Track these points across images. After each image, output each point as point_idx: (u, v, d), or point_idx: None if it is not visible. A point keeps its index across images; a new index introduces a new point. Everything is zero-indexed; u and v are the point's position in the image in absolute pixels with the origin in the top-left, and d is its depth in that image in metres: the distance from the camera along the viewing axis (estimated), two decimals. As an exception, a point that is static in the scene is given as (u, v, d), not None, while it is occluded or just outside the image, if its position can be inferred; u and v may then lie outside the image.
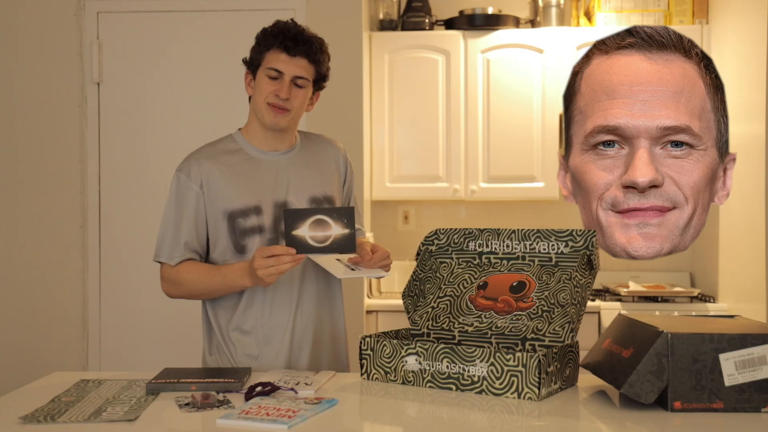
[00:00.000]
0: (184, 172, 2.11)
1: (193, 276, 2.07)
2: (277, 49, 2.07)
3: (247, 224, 2.08)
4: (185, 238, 2.09)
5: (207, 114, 3.55)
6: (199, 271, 2.07)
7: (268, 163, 2.14)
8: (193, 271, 2.08)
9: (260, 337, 2.11)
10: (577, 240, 1.91)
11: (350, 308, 3.41)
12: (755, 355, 1.57)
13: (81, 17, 3.57)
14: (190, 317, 3.50)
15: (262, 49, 2.09)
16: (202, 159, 2.11)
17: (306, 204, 2.13)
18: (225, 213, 2.08)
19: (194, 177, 2.09)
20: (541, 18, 3.98)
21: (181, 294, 2.11)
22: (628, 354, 1.65)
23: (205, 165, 2.10)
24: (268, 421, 1.49)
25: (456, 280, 2.02)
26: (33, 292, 3.59)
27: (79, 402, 1.67)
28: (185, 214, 2.09)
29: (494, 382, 1.72)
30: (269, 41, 2.08)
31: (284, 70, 2.07)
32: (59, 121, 3.58)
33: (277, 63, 2.07)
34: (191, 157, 2.13)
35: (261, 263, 1.90)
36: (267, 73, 2.08)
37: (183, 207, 2.09)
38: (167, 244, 2.10)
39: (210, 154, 2.13)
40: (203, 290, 2.09)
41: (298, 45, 2.06)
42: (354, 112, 3.56)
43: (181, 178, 2.11)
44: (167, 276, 2.11)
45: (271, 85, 2.08)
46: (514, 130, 3.88)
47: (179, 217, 2.09)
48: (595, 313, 3.61)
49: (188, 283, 2.08)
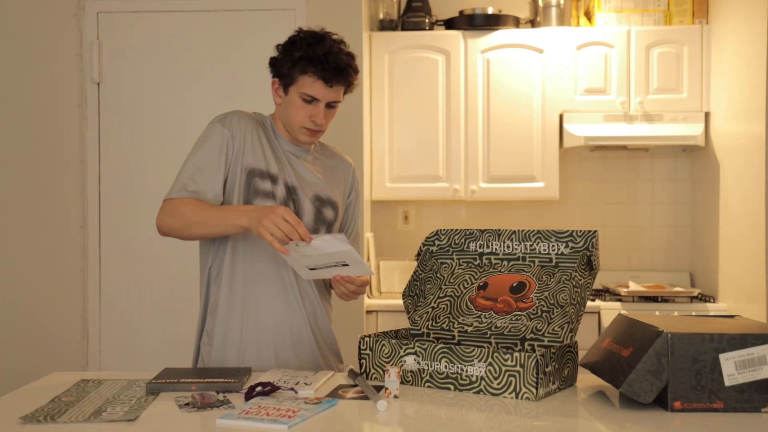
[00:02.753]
0: (221, 122, 2.09)
1: (192, 207, 2.01)
2: (314, 76, 2.04)
3: (261, 186, 2.07)
4: (200, 186, 2.04)
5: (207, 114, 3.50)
6: (200, 203, 2.02)
7: (288, 153, 2.16)
8: (193, 203, 2.02)
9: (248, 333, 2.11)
10: (577, 241, 1.91)
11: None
12: (755, 355, 1.58)
13: (81, 17, 3.58)
14: (190, 317, 3.50)
15: (296, 69, 2.05)
16: (242, 115, 2.12)
17: (309, 201, 2.13)
18: (246, 168, 2.08)
19: (231, 126, 2.08)
20: (541, 18, 3.98)
21: (174, 224, 2.02)
22: (628, 353, 1.65)
23: (244, 120, 2.11)
24: (268, 421, 1.49)
25: (456, 280, 2.02)
26: (33, 292, 3.59)
27: (79, 402, 1.67)
28: (209, 163, 2.05)
29: (492, 382, 1.72)
30: (305, 66, 2.04)
31: (320, 97, 2.06)
32: (59, 121, 3.59)
33: (313, 90, 2.05)
34: (231, 113, 2.12)
35: (278, 219, 1.85)
36: (302, 96, 2.06)
37: (208, 154, 2.06)
38: (180, 184, 2.05)
39: (249, 116, 2.14)
40: (198, 221, 2.00)
41: (337, 77, 2.04)
42: (354, 112, 3.56)
43: (216, 127, 2.08)
44: (166, 207, 2.04)
45: (306, 110, 2.07)
46: (514, 130, 3.88)
47: (201, 164, 2.05)
48: (595, 313, 3.62)
49: (186, 213, 2.00)
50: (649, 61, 3.84)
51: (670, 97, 3.83)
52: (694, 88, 3.82)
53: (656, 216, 4.18)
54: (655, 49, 3.84)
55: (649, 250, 4.18)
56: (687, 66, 3.83)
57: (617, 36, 3.86)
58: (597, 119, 3.84)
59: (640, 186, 4.19)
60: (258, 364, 2.10)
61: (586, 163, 4.20)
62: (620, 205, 4.20)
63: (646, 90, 3.84)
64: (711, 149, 3.82)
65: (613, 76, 3.85)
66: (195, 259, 2.22)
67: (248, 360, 2.10)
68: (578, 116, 3.85)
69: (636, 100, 3.83)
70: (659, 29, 3.86)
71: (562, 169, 4.04)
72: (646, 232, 4.19)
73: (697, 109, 3.82)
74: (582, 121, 3.84)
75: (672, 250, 4.16)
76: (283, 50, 2.10)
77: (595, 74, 3.86)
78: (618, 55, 3.85)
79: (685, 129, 3.78)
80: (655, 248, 4.18)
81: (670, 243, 4.16)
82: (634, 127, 3.82)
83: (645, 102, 3.82)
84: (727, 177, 3.65)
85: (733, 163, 3.60)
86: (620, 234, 4.19)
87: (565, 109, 3.87)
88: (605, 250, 4.04)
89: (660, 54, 3.84)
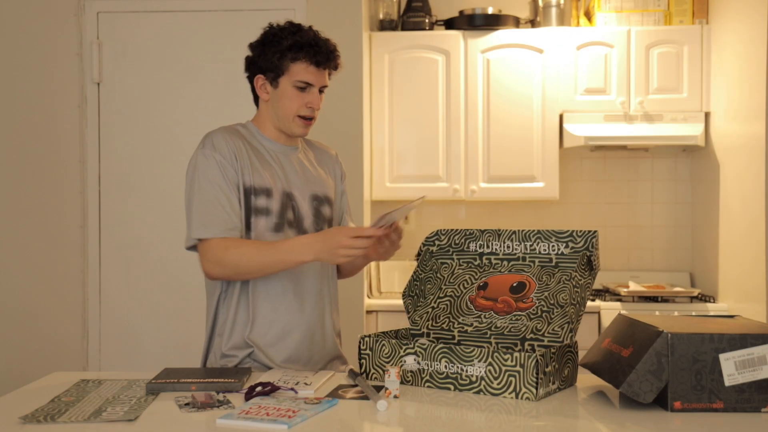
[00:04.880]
0: (210, 148, 2.04)
1: (240, 253, 1.97)
2: (306, 62, 2.06)
3: (258, 203, 2.06)
4: (224, 212, 2.01)
5: (207, 114, 3.55)
6: (245, 247, 1.98)
7: (278, 155, 2.15)
8: (241, 246, 1.98)
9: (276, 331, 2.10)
10: (577, 241, 1.91)
11: (350, 308, 3.41)
12: (755, 355, 1.58)
13: (81, 17, 3.57)
14: (190, 317, 3.51)
15: (287, 58, 2.06)
16: (226, 134, 2.08)
17: (307, 200, 2.14)
18: (243, 187, 2.06)
19: (224, 150, 2.04)
20: (541, 18, 3.98)
21: (226, 273, 2.01)
22: (628, 353, 1.65)
23: (231, 139, 2.07)
24: (268, 421, 1.49)
25: (456, 280, 2.02)
26: (33, 292, 3.59)
27: (79, 402, 1.67)
28: (221, 187, 2.02)
29: (492, 382, 1.72)
30: (297, 52, 2.05)
31: (314, 82, 2.08)
32: (59, 121, 3.58)
33: (308, 76, 2.07)
34: (215, 134, 2.07)
35: (347, 242, 1.87)
36: (295, 84, 2.07)
37: (217, 181, 2.02)
38: (204, 222, 2.00)
39: (231, 131, 2.11)
40: (254, 268, 1.98)
41: (328, 60, 2.09)
42: (354, 112, 3.56)
43: (207, 154, 2.03)
44: (211, 254, 1.99)
45: (301, 97, 2.08)
46: (514, 130, 3.88)
47: (212, 196, 2.01)
48: (595, 313, 3.62)
49: (238, 263, 1.97)
50: (649, 61, 3.84)
51: (670, 97, 3.83)
52: (694, 88, 3.82)
53: (656, 216, 4.18)
54: (655, 49, 3.84)
55: (649, 250, 4.18)
56: (687, 66, 3.83)
57: (617, 36, 3.86)
58: (597, 119, 3.84)
59: (640, 186, 4.19)
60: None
61: (586, 163, 4.20)
62: (620, 205, 4.20)
63: (646, 90, 3.84)
64: (711, 149, 3.82)
65: (613, 76, 3.85)
66: (194, 260, 2.21)
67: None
68: (578, 116, 3.85)
69: (636, 100, 3.83)
70: (659, 29, 3.86)
71: (562, 169, 4.04)
72: (646, 232, 4.19)
73: (697, 109, 3.82)
74: (582, 121, 3.84)
75: (672, 250, 4.16)
76: (265, 44, 2.09)
77: (595, 74, 3.86)
78: (618, 55, 3.85)
79: (685, 129, 3.78)
80: (655, 248, 4.18)
81: (670, 243, 4.16)
82: (634, 127, 3.82)
83: (645, 102, 3.82)
84: (727, 177, 3.65)
85: (733, 163, 3.60)
86: (620, 234, 4.19)
87: (565, 109, 3.87)
88: (605, 250, 4.04)
89: (660, 54, 3.84)
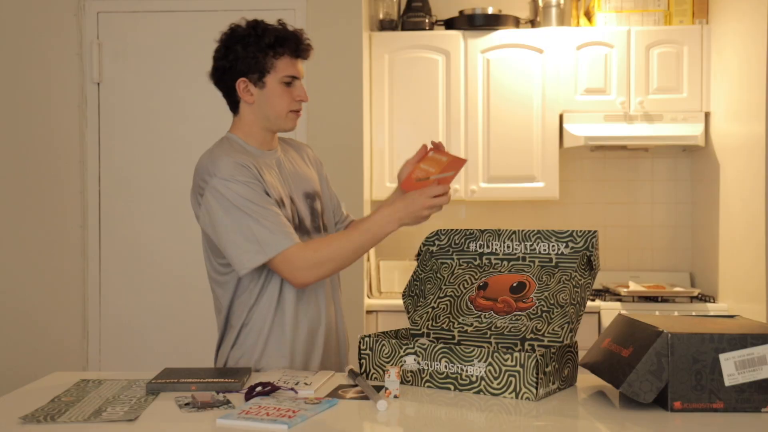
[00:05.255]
0: (228, 174, 1.97)
1: (332, 247, 1.98)
2: (291, 57, 2.07)
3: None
4: (283, 222, 1.97)
5: (207, 114, 3.55)
6: (331, 240, 2.00)
7: (271, 162, 2.12)
8: (325, 243, 1.99)
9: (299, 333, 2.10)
10: (577, 241, 1.91)
11: (350, 308, 3.41)
12: (755, 355, 1.58)
13: (81, 17, 3.57)
14: (190, 317, 3.51)
15: (270, 56, 2.05)
16: (233, 155, 2.01)
17: (303, 200, 2.13)
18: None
19: (242, 171, 1.97)
20: (541, 18, 3.98)
21: (324, 272, 1.99)
22: (628, 353, 1.65)
23: (238, 158, 2.00)
24: (268, 421, 1.49)
25: (456, 280, 2.02)
26: (33, 292, 3.59)
27: (79, 402, 1.67)
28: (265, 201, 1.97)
29: (492, 382, 1.72)
30: (280, 49, 2.05)
31: (298, 74, 2.10)
32: (59, 121, 3.58)
33: (292, 70, 2.08)
34: (221, 159, 1.99)
35: (430, 203, 1.95)
36: (284, 80, 2.07)
37: (256, 199, 1.96)
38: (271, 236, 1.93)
39: (231, 150, 2.04)
40: (350, 255, 2.00)
41: (307, 50, 2.11)
42: (354, 112, 3.56)
43: (229, 179, 1.96)
44: (301, 261, 1.95)
45: (289, 93, 2.08)
46: (514, 130, 3.88)
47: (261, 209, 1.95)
48: (595, 313, 3.62)
49: (332, 255, 1.97)
50: (649, 61, 3.84)
51: (670, 97, 3.83)
52: (694, 88, 3.82)
53: (656, 216, 4.18)
54: (655, 49, 3.84)
55: (649, 250, 4.18)
56: (687, 66, 3.83)
57: (617, 36, 3.86)
58: (597, 119, 3.84)
59: (640, 186, 4.19)
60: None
61: (586, 163, 4.20)
62: (620, 205, 4.20)
63: (646, 90, 3.84)
64: (711, 149, 3.82)
65: (613, 76, 3.85)
66: (194, 260, 2.22)
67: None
68: (578, 116, 3.85)
69: (636, 100, 3.83)
70: (659, 29, 3.86)
71: (562, 169, 4.04)
72: (646, 232, 4.19)
73: (697, 109, 3.82)
74: (582, 121, 3.84)
75: (672, 250, 4.16)
76: (241, 46, 2.06)
77: (595, 74, 3.86)
78: (618, 55, 3.85)
79: (685, 129, 3.78)
80: (655, 248, 4.18)
81: (670, 243, 4.16)
82: (634, 127, 3.82)
83: (645, 102, 3.82)
84: (727, 177, 3.65)
85: (733, 163, 3.60)
86: (620, 234, 4.19)
87: (565, 109, 3.87)
88: (605, 250, 4.04)
89: (660, 54, 3.84)
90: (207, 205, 1.99)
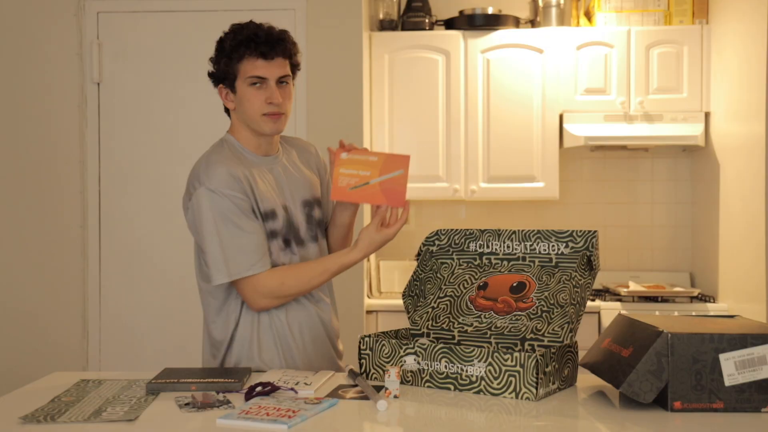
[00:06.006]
0: (220, 185, 1.97)
1: (297, 281, 2.02)
2: (252, 57, 2.01)
3: (269, 227, 2.04)
4: (260, 247, 1.99)
5: (207, 114, 3.54)
6: (296, 272, 2.02)
7: (268, 169, 2.10)
8: (291, 275, 2.02)
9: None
10: (577, 241, 1.91)
11: (350, 308, 3.41)
12: (755, 355, 1.58)
13: (81, 17, 3.57)
14: (190, 317, 3.51)
15: (233, 60, 2.02)
16: (227, 164, 2.00)
17: (299, 208, 2.12)
18: (259, 215, 2.03)
19: (233, 185, 1.97)
20: (541, 18, 3.98)
21: (280, 303, 2.05)
22: (628, 353, 1.65)
23: (233, 168, 2.00)
24: (268, 421, 1.49)
25: (456, 280, 2.02)
26: (33, 292, 3.59)
27: (79, 402, 1.67)
28: (246, 222, 1.98)
29: (492, 382, 1.72)
30: (240, 51, 2.01)
31: (266, 75, 2.02)
32: (59, 121, 3.58)
33: (256, 70, 2.01)
34: (214, 167, 1.99)
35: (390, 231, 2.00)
36: (249, 82, 2.02)
37: (239, 219, 1.97)
38: (244, 258, 1.96)
39: (227, 158, 2.03)
40: (307, 290, 2.06)
41: (273, 48, 2.02)
42: (354, 112, 3.56)
43: (217, 191, 1.96)
44: (265, 289, 1.99)
45: (260, 95, 2.02)
46: (514, 130, 3.88)
47: (239, 231, 1.97)
48: (595, 313, 3.62)
49: (294, 291, 2.03)
50: (649, 61, 3.84)
51: (670, 97, 3.83)
52: (694, 88, 3.82)
53: (656, 216, 4.18)
54: (655, 49, 3.84)
55: (649, 250, 4.18)
56: (687, 66, 3.82)
57: (617, 36, 3.85)
58: (597, 119, 3.84)
59: (640, 186, 4.19)
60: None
61: (586, 163, 4.20)
62: (620, 205, 4.20)
63: (646, 90, 3.84)
64: (711, 149, 3.82)
65: (613, 76, 3.85)
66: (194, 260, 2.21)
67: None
68: (578, 116, 3.85)
69: (636, 100, 3.83)
70: (659, 29, 3.86)
71: (562, 169, 4.04)
72: (646, 232, 4.19)
73: (697, 109, 3.82)
74: (582, 121, 3.84)
75: (672, 250, 4.16)
76: (217, 53, 2.07)
77: (595, 74, 3.86)
78: (618, 55, 3.85)
79: (685, 129, 3.78)
80: (655, 248, 4.18)
81: (670, 243, 4.16)
82: (634, 127, 3.82)
83: (645, 102, 3.82)
84: (727, 177, 3.65)
85: (733, 163, 3.60)
86: (620, 234, 4.19)
87: (565, 109, 3.87)
88: (605, 250, 4.04)
89: (660, 54, 3.84)
90: (192, 209, 2.02)
